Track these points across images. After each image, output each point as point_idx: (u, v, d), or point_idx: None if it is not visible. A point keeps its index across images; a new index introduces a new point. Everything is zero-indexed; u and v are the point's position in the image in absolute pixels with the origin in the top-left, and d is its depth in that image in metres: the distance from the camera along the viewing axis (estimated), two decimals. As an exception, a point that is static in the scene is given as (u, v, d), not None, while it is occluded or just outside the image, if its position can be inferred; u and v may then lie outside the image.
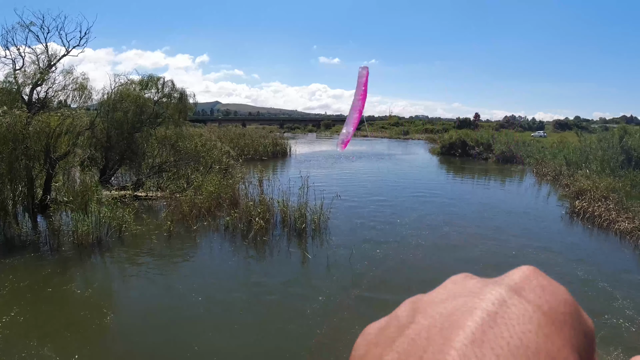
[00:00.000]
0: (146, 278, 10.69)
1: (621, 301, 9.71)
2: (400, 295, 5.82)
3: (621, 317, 9.04)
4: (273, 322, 8.50)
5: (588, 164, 25.16)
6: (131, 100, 19.86)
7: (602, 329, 8.36)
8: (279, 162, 36.67)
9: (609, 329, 8.46)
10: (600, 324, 8.59)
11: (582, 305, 1.40)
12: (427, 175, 31.40)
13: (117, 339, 7.93)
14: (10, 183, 13.42)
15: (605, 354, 7.49)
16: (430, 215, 17.28)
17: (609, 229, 15.18)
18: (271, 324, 8.42)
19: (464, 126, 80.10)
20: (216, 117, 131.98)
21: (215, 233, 14.10)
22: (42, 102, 16.76)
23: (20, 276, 10.07)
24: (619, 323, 8.79)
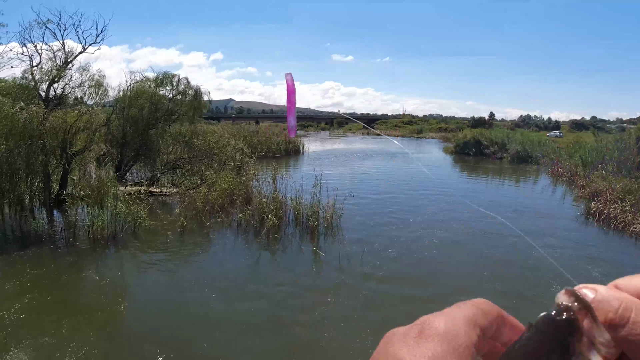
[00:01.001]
0: (159, 272, 10.80)
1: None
2: (411, 294, 5.79)
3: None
4: (283, 320, 8.52)
5: (604, 165, 24.75)
6: (146, 97, 20.02)
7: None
8: (291, 159, 36.72)
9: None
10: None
11: None
12: (441, 174, 31.19)
13: (129, 330, 8.06)
14: (27, 178, 13.65)
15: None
16: (443, 215, 17.15)
17: (624, 231, 14.92)
18: (281, 322, 8.44)
19: (479, 125, 79.28)
20: (230, 115, 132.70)
21: (228, 229, 14.17)
22: (59, 99, 16.98)
23: (36, 268, 10.24)
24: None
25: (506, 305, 1.37)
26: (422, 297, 9.74)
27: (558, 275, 11.15)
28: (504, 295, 9.91)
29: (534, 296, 9.75)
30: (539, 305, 9.53)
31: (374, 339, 7.84)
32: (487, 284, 10.60)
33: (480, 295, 1.38)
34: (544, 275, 11.15)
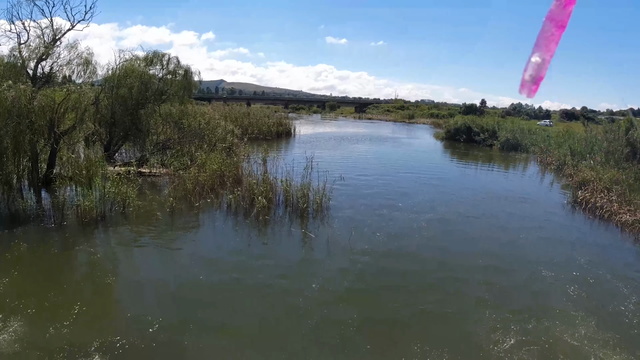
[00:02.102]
0: (148, 252, 10.84)
1: (622, 291, 9.80)
2: (398, 273, 5.89)
3: (623, 308, 9.13)
4: (270, 301, 8.62)
5: (593, 155, 25.01)
6: (136, 76, 19.77)
7: (603, 320, 8.47)
8: (282, 142, 36.63)
9: (610, 320, 8.55)
10: (600, 315, 8.69)
11: (581, 294, 1.46)
12: (430, 160, 31.39)
13: (117, 310, 8.09)
14: (15, 157, 13.48)
15: (606, 347, 7.61)
16: (432, 200, 17.32)
17: (610, 221, 15.15)
18: (268, 302, 8.54)
19: (470, 112, 79.36)
20: (221, 96, 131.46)
21: (217, 210, 14.20)
22: (47, 77, 16.72)
23: (24, 247, 10.20)
24: (620, 312, 8.89)
25: (494, 281, 1.41)
26: (408, 276, 9.91)
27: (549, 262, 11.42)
28: (490, 272, 10.12)
29: (513, 273, 10.02)
30: (518, 277, 9.76)
31: (359, 314, 7.99)
32: (472, 261, 10.80)
33: (464, 270, 1.41)
34: (522, 251, 11.41)
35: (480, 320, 8.12)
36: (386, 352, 6.96)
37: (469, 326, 7.94)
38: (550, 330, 7.79)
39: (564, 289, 9.56)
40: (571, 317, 8.30)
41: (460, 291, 9.41)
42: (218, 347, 6.94)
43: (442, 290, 9.38)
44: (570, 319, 8.20)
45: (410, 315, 8.33)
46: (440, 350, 7.02)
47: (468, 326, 7.94)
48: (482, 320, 8.14)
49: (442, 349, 7.05)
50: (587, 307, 8.71)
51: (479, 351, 7.13)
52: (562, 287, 9.67)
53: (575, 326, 7.96)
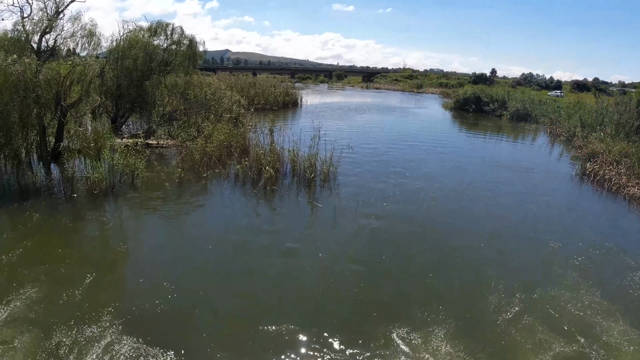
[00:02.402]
0: (158, 221, 11.00)
1: (628, 263, 9.83)
2: (403, 249, 5.90)
3: (628, 279, 9.17)
4: (278, 268, 8.76)
5: (603, 127, 24.62)
6: (140, 47, 19.54)
7: (608, 291, 8.51)
8: (289, 112, 36.38)
9: (615, 291, 8.60)
10: (605, 286, 8.73)
11: (587, 265, 1.48)
12: (438, 130, 31.09)
13: (128, 277, 8.31)
14: (22, 131, 13.54)
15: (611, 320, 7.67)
16: (439, 169, 17.28)
17: (618, 194, 15.03)
18: (276, 270, 8.68)
19: (480, 82, 77.78)
20: (227, 66, 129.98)
21: (225, 181, 14.28)
22: (51, 50, 16.62)
23: (35, 218, 10.40)
24: (624, 285, 8.93)
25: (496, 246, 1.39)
26: (415, 244, 9.99)
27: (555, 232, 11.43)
28: (496, 241, 10.18)
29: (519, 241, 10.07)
30: (519, 242, 9.81)
31: (365, 281, 8.11)
32: (478, 230, 10.85)
33: (470, 238, 1.40)
34: (529, 221, 11.43)
35: (486, 288, 8.21)
36: (391, 318, 7.08)
37: (474, 293, 8.03)
38: (555, 300, 7.87)
39: (570, 259, 9.60)
40: (576, 287, 8.36)
41: (465, 259, 9.49)
42: (227, 312, 7.11)
43: (448, 259, 9.45)
44: (575, 289, 8.27)
45: (416, 283, 8.44)
46: (445, 317, 7.14)
47: (473, 293, 8.03)
48: (488, 287, 8.23)
49: (447, 316, 7.17)
50: (593, 278, 8.75)
51: (484, 318, 7.24)
52: (568, 257, 9.72)
53: (580, 296, 8.03)
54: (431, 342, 6.49)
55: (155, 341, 6.22)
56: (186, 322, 6.81)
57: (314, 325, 6.75)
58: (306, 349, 6.24)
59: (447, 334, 6.67)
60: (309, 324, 6.81)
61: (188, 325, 6.74)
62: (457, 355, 6.25)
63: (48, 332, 6.31)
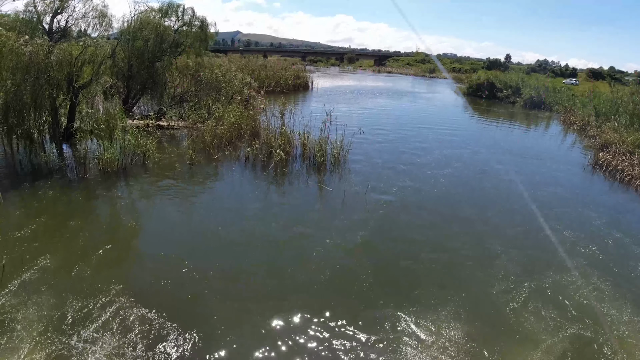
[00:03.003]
0: (169, 201, 11.08)
1: (635, 254, 9.76)
2: (411, 234, 5.89)
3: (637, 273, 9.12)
4: (286, 249, 8.84)
5: (617, 117, 24.20)
6: (151, 28, 19.46)
7: (618, 281, 8.46)
8: (300, 95, 36.20)
9: (625, 282, 8.56)
10: (616, 276, 8.68)
11: (597, 254, 1.46)
12: (450, 115, 30.75)
13: (137, 252, 8.47)
14: (35, 112, 13.64)
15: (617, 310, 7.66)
16: (450, 155, 17.14)
17: (630, 185, 14.79)
18: (284, 251, 8.76)
19: (494, 67, 76.77)
20: (237, 48, 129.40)
21: (236, 163, 14.32)
22: (63, 31, 16.62)
23: (48, 198, 10.56)
24: (636, 276, 8.89)
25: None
26: (423, 230, 9.99)
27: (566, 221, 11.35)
28: (505, 228, 10.15)
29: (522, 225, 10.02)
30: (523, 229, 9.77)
31: (373, 264, 8.16)
32: (487, 216, 10.82)
33: (479, 224, 1.38)
34: (540, 209, 11.37)
35: (495, 274, 8.21)
36: (398, 299, 7.12)
37: (483, 279, 8.04)
38: (566, 288, 7.86)
39: (581, 248, 9.55)
40: (587, 275, 8.33)
41: (474, 245, 9.48)
42: (234, 292, 7.20)
43: (456, 246, 9.42)
44: (586, 278, 8.24)
45: (424, 268, 8.46)
46: (454, 301, 7.16)
47: (482, 279, 8.04)
48: (496, 273, 8.23)
49: (456, 300, 7.19)
50: (603, 267, 8.71)
51: (493, 304, 7.25)
52: (579, 245, 9.66)
53: (590, 284, 8.01)
54: (438, 324, 6.53)
55: (163, 313, 6.45)
56: (194, 297, 6.98)
57: (320, 307, 6.82)
58: (309, 330, 6.32)
59: (453, 317, 6.71)
60: (315, 306, 6.88)
61: (196, 299, 6.93)
62: (463, 337, 6.29)
63: (59, 301, 6.55)
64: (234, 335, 6.12)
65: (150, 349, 5.78)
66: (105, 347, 5.75)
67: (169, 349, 5.80)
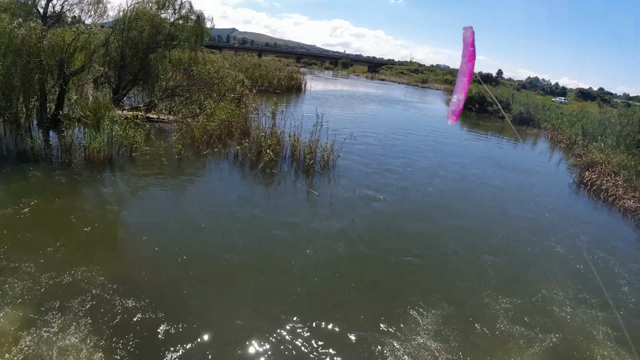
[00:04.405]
0: (155, 196, 10.96)
1: (619, 274, 9.88)
2: (396, 242, 5.84)
3: (620, 292, 9.22)
4: (268, 251, 8.80)
5: (604, 138, 24.70)
6: (147, 19, 19.25)
7: (599, 304, 8.54)
8: (292, 96, 36.15)
9: (607, 304, 8.66)
10: (597, 300, 8.76)
11: (579, 275, 1.44)
12: (439, 126, 30.95)
13: (122, 251, 8.29)
14: (24, 97, 13.40)
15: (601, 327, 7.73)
16: (438, 167, 17.26)
17: (613, 205, 15.03)
18: (267, 254, 8.70)
19: (485, 81, 77.60)
20: (232, 45, 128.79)
21: (224, 160, 14.22)
22: (57, 16, 16.37)
23: (32, 185, 10.37)
24: (619, 298, 8.99)
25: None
26: (408, 238, 10.01)
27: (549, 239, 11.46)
28: (487, 244, 10.21)
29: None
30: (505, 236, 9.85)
31: (354, 268, 8.14)
32: (472, 230, 10.89)
33: (464, 237, 1.32)
34: (523, 224, 11.47)
35: (478, 284, 8.25)
36: (380, 303, 7.12)
37: (461, 287, 8.07)
38: (547, 305, 7.93)
39: (563, 264, 9.68)
40: (569, 292, 8.44)
41: (460, 252, 9.56)
42: (216, 292, 7.12)
43: (440, 258, 9.49)
44: (567, 295, 8.34)
45: (409, 279, 8.47)
46: (439, 314, 7.18)
47: (460, 287, 8.07)
48: (480, 283, 8.27)
49: (442, 311, 7.21)
50: (585, 285, 8.82)
51: (477, 315, 7.28)
52: (562, 261, 9.80)
53: (572, 302, 8.09)
54: (417, 330, 6.54)
55: (143, 300, 6.47)
56: (172, 287, 7.00)
57: (299, 309, 6.78)
58: (289, 333, 6.27)
59: (433, 325, 6.72)
60: (293, 308, 6.85)
61: (174, 289, 6.97)
62: (446, 346, 6.30)
63: (39, 292, 6.39)
64: (207, 328, 6.07)
65: (124, 334, 5.71)
66: (80, 333, 5.64)
67: (144, 334, 5.71)
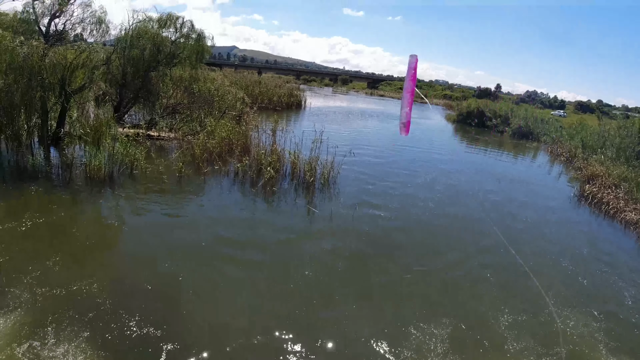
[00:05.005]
0: (155, 213, 10.92)
1: (621, 286, 9.82)
2: (395, 259, 5.80)
3: (621, 305, 9.15)
4: (268, 269, 8.73)
5: (604, 150, 24.74)
6: (148, 38, 19.46)
7: (602, 317, 8.47)
8: (292, 113, 36.33)
9: (609, 317, 8.59)
10: (600, 313, 8.70)
11: (581, 288, 1.42)
12: (440, 141, 31.10)
13: (122, 270, 8.18)
14: (25, 114, 13.48)
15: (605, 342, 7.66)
16: (439, 183, 17.25)
17: (614, 217, 15.02)
18: (266, 274, 8.61)
19: (484, 96, 78.15)
20: (232, 62, 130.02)
21: (225, 178, 14.22)
22: (60, 35, 16.56)
23: (32, 203, 10.36)
24: (619, 312, 8.92)
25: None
26: (408, 258, 9.94)
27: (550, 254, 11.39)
28: (488, 260, 10.15)
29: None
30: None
31: (354, 288, 8.08)
32: (472, 246, 10.84)
33: (463, 253, 1.32)
34: (525, 238, 11.42)
35: (478, 298, 8.18)
36: (381, 321, 7.05)
37: (466, 303, 7.99)
38: (547, 322, 7.86)
39: (566, 279, 9.61)
40: (572, 307, 8.36)
41: (459, 269, 9.49)
42: (214, 311, 7.07)
43: (441, 273, 9.41)
44: (571, 309, 8.27)
45: (410, 295, 8.40)
46: (434, 327, 7.11)
47: (465, 304, 8.00)
48: (480, 297, 8.20)
49: (443, 323, 7.14)
50: (586, 300, 8.75)
51: (477, 332, 7.20)
52: (564, 276, 9.73)
53: (574, 317, 8.02)
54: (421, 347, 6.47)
55: (142, 318, 6.46)
56: (170, 304, 7.02)
57: (297, 327, 6.72)
58: (285, 351, 6.21)
59: (437, 344, 6.65)
60: (290, 325, 6.79)
61: (172, 306, 6.99)
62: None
63: (38, 307, 6.37)
64: (203, 345, 6.01)
65: (120, 350, 5.64)
66: (76, 347, 5.58)
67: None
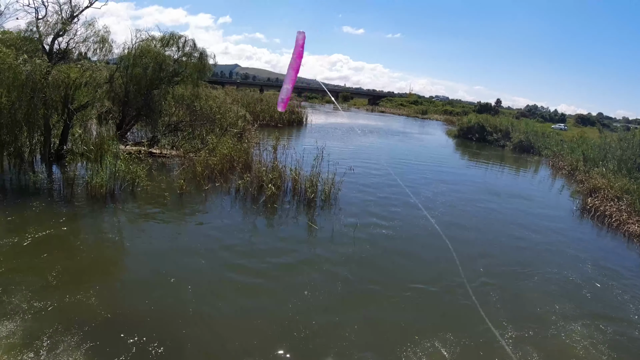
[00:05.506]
0: (155, 230, 10.92)
1: (623, 299, 9.71)
2: (392, 280, 5.77)
3: (625, 318, 9.05)
4: (270, 289, 8.66)
5: (605, 162, 24.73)
6: (151, 56, 19.69)
7: (606, 331, 8.38)
8: (294, 130, 36.54)
9: (615, 330, 8.49)
10: (604, 326, 8.60)
11: (583, 302, 1.41)
12: (441, 157, 31.17)
13: (122, 288, 8.15)
14: (28, 131, 13.59)
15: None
16: (440, 198, 17.20)
17: (618, 230, 14.98)
18: (268, 291, 8.57)
19: (484, 111, 78.84)
20: (235, 80, 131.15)
21: (226, 195, 14.23)
22: (63, 53, 16.75)
23: (33, 220, 10.35)
24: (624, 325, 8.82)
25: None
26: (409, 275, 9.87)
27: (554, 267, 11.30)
28: (492, 274, 10.07)
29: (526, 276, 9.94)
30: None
31: (354, 308, 8.01)
32: (475, 260, 10.74)
33: (466, 267, 1.31)
34: (527, 253, 11.33)
35: (482, 314, 8.08)
36: (383, 344, 6.97)
37: (465, 323, 7.90)
38: (553, 335, 7.76)
39: (569, 293, 9.51)
40: (576, 321, 8.26)
41: (458, 291, 9.37)
42: (212, 329, 7.01)
43: (443, 291, 9.32)
44: (574, 323, 8.17)
45: (413, 315, 8.32)
46: (444, 344, 7.02)
47: (464, 323, 7.91)
48: (478, 316, 8.10)
49: (445, 343, 7.05)
50: (591, 313, 8.65)
51: (477, 344, 7.12)
52: (567, 290, 9.63)
53: (577, 330, 7.92)
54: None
55: (139, 335, 6.38)
56: (169, 322, 6.97)
57: (296, 349, 6.64)
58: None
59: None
60: (289, 346, 6.71)
61: (171, 323, 6.93)
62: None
63: (36, 323, 6.35)
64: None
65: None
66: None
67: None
